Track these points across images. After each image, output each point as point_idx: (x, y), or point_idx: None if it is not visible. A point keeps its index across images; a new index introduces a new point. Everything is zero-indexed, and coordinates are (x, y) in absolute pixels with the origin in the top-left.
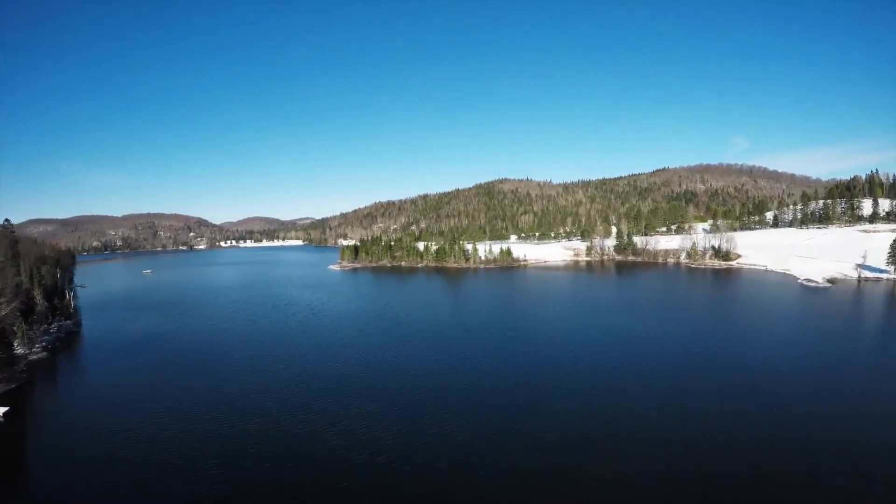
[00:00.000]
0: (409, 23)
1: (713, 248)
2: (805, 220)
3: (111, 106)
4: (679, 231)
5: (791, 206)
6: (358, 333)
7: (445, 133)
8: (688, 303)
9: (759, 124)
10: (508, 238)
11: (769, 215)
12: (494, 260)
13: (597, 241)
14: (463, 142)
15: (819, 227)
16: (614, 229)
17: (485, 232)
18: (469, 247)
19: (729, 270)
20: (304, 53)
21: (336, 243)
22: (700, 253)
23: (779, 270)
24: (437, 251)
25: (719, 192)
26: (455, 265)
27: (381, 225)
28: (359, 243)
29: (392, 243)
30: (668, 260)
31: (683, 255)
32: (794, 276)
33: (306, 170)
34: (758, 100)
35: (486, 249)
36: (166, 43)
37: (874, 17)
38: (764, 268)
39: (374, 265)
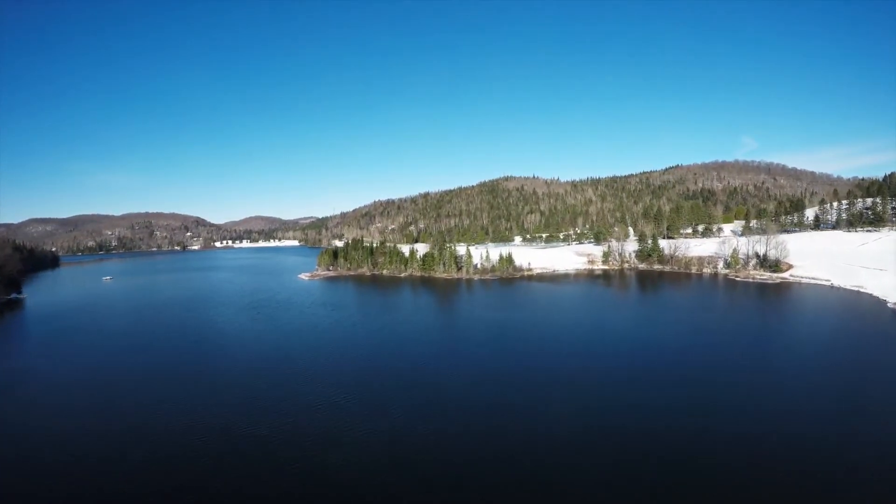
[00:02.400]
0: (411, 18)
1: (757, 255)
2: (853, 222)
3: (114, 105)
4: (706, 233)
5: (835, 205)
6: (249, 413)
7: (450, 131)
8: (768, 346)
9: (766, 125)
10: (512, 240)
11: (809, 214)
12: (492, 268)
13: (614, 245)
14: (468, 140)
15: (869, 230)
16: (631, 231)
17: (487, 233)
18: (462, 251)
19: (783, 286)
20: (309, 50)
21: (330, 244)
22: (742, 261)
23: (849, 287)
24: (424, 258)
25: (738, 190)
26: (444, 275)
27: (378, 225)
28: (340, 246)
29: (374, 248)
30: (704, 270)
31: (721, 264)
32: (874, 297)
33: (309, 168)
34: (765, 100)
35: (482, 255)
36: (167, 43)
37: (875, 18)
38: (828, 283)
39: (353, 273)
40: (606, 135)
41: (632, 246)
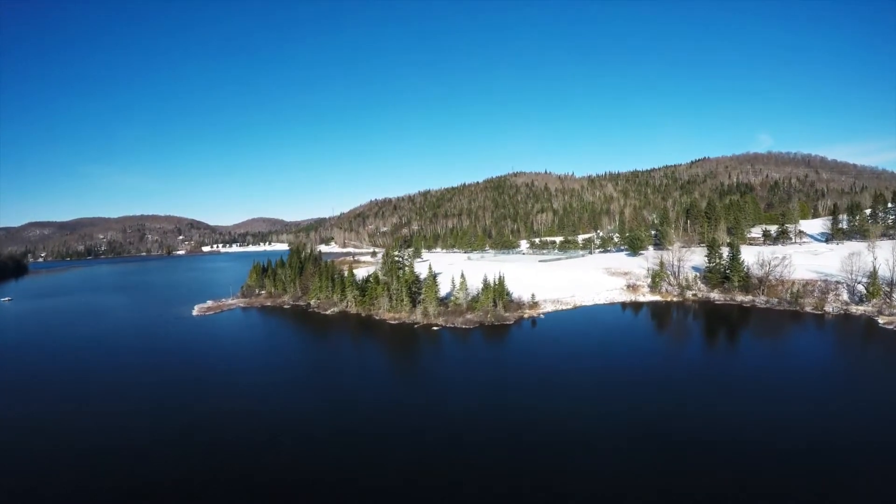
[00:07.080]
0: (413, 13)
1: None
2: None
3: (118, 108)
4: (780, 238)
5: None
6: None
7: (458, 128)
8: None
9: (782, 120)
10: (518, 245)
11: None
12: (472, 305)
13: (668, 259)
14: (476, 137)
15: None
16: (672, 234)
17: (489, 235)
18: (423, 271)
19: None
20: (310, 48)
21: (314, 249)
22: (883, 291)
23: None
24: (364, 289)
25: (780, 184)
26: (391, 315)
27: (370, 227)
28: (325, 250)
29: (303, 263)
30: (826, 307)
31: (846, 295)
32: None
33: (312, 168)
34: (780, 96)
35: (454, 280)
36: (166, 44)
37: (878, 18)
38: None
39: (271, 304)
40: (619, 130)
41: (693, 260)
